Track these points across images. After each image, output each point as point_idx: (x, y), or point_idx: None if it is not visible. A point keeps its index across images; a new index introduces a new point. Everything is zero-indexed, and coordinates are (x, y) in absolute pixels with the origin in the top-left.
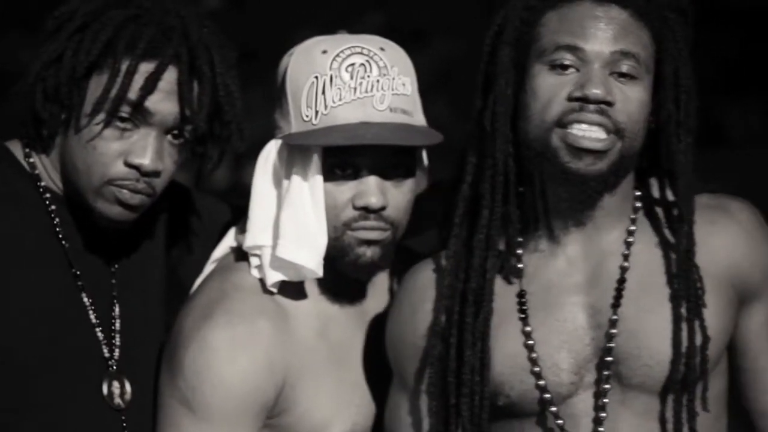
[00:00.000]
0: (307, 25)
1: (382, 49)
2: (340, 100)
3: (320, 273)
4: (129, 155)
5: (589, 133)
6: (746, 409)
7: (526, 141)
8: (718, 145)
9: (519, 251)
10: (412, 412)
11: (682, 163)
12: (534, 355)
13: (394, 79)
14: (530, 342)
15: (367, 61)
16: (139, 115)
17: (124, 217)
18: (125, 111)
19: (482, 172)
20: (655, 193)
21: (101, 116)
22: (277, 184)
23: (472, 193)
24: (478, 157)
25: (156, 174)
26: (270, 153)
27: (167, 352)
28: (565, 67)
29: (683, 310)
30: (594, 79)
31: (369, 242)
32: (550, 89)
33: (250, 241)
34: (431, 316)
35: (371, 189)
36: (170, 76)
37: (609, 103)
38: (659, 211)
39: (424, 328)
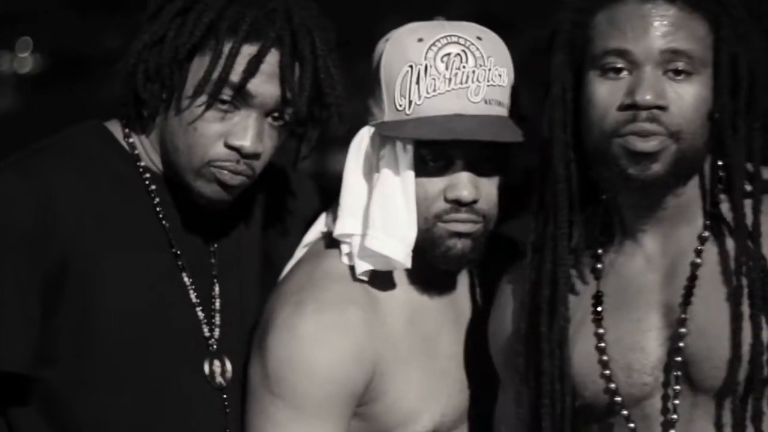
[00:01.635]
0: (395, 12)
1: (479, 38)
2: (434, 90)
3: (409, 264)
4: (230, 137)
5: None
6: None
7: (588, 148)
8: None
9: (599, 251)
10: (508, 412)
11: (737, 157)
12: (605, 357)
13: (490, 69)
14: (602, 344)
15: (463, 50)
16: (241, 97)
17: (223, 197)
18: (227, 93)
19: (546, 178)
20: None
21: (203, 98)
22: (369, 172)
23: (542, 198)
24: (542, 164)
25: (256, 156)
26: (363, 140)
27: (257, 338)
28: (617, 71)
29: (745, 308)
30: (644, 83)
31: (460, 234)
32: (604, 98)
33: (340, 228)
34: (512, 323)
35: (463, 182)
36: (272, 58)
37: (661, 108)
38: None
39: (507, 335)
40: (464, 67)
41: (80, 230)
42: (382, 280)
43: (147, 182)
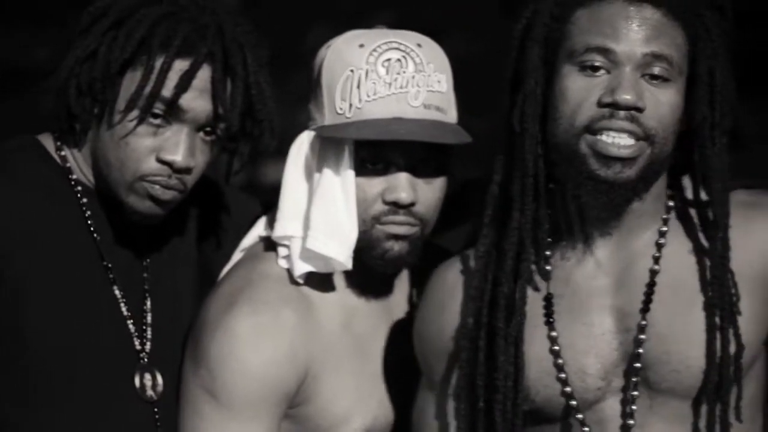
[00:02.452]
0: (320, 22)
1: (419, 45)
2: (374, 94)
3: (349, 266)
4: (161, 152)
5: (617, 140)
6: None
7: (554, 143)
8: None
9: (547, 253)
10: (438, 412)
11: (717, 167)
12: (560, 360)
13: (429, 75)
14: (556, 347)
15: (404, 56)
16: (172, 112)
17: (155, 212)
18: (159, 108)
19: (511, 172)
20: (689, 194)
21: (135, 113)
22: (309, 175)
23: (502, 193)
24: (507, 158)
25: (188, 171)
26: (303, 144)
27: (192, 340)
28: (595, 69)
29: (717, 319)
30: (625, 83)
31: (397, 237)
32: (579, 93)
33: (279, 231)
34: (458, 317)
35: (402, 184)
36: (204, 74)
37: (639, 109)
38: (693, 212)
39: (452, 329)
40: (404, 72)
41: (10, 244)
42: (318, 282)
43: (78, 195)
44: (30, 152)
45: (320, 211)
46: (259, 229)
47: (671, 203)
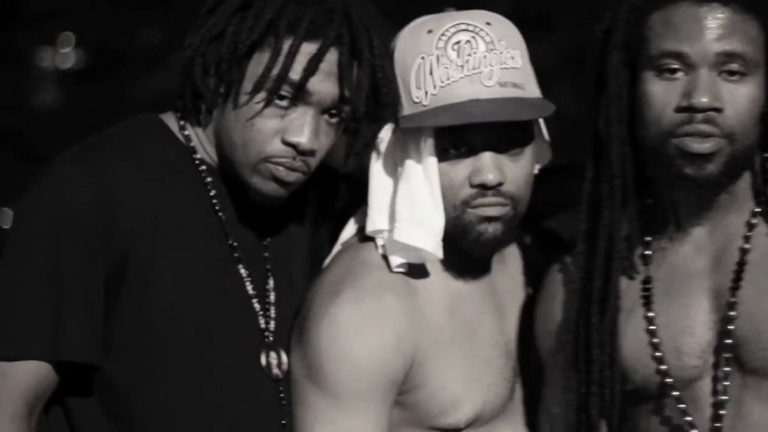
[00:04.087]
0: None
1: (488, 23)
2: (448, 79)
3: (440, 255)
4: (287, 133)
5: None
6: None
7: (642, 145)
8: None
9: (647, 238)
10: (554, 399)
11: None
12: (656, 340)
13: (501, 53)
14: (652, 327)
15: (473, 37)
16: (299, 94)
17: (279, 194)
18: (286, 90)
19: (600, 172)
20: None
21: (262, 95)
22: (393, 167)
23: (594, 191)
24: (596, 158)
25: (312, 153)
26: (384, 137)
27: (297, 328)
28: (672, 72)
29: None
30: (700, 86)
31: (490, 219)
32: (660, 97)
33: (370, 226)
34: (563, 310)
35: (487, 165)
36: (331, 57)
37: (717, 110)
38: None
39: (556, 324)
40: (475, 52)
41: (139, 223)
42: (419, 270)
43: (203, 174)
44: (154, 131)
45: (405, 201)
46: (355, 222)
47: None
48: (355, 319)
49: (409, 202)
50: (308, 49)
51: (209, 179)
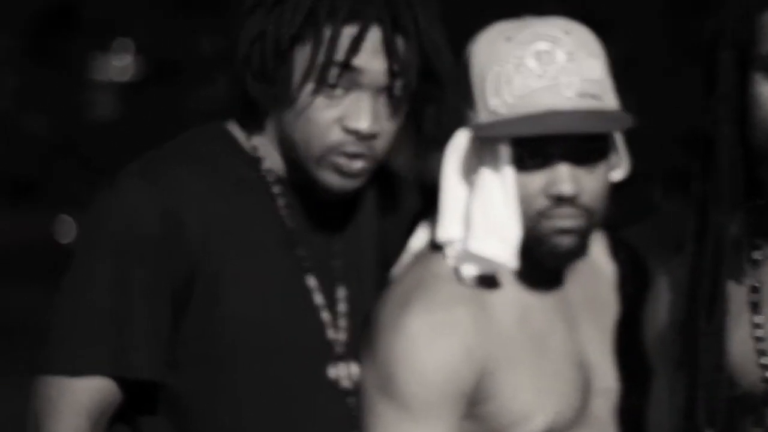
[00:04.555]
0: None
1: (567, 32)
2: (526, 88)
3: (514, 265)
4: (345, 120)
5: None
6: None
7: (753, 146)
8: None
9: (758, 241)
10: (661, 404)
11: None
12: (762, 346)
13: (581, 63)
14: (759, 333)
15: (553, 46)
16: (349, 77)
17: (347, 186)
18: (334, 76)
19: (708, 174)
20: None
21: (311, 86)
22: (467, 175)
23: (702, 192)
24: (704, 159)
25: (374, 136)
26: (458, 144)
27: (367, 340)
28: None
29: None
30: None
31: (565, 231)
32: None
33: (442, 234)
34: (670, 314)
35: (564, 176)
36: (374, 35)
37: None
38: None
39: (662, 326)
40: (554, 62)
41: (206, 236)
42: (489, 280)
43: (269, 185)
44: (220, 142)
45: (480, 211)
46: (424, 231)
47: None
48: (426, 330)
49: (484, 212)
50: (350, 31)
51: (276, 189)
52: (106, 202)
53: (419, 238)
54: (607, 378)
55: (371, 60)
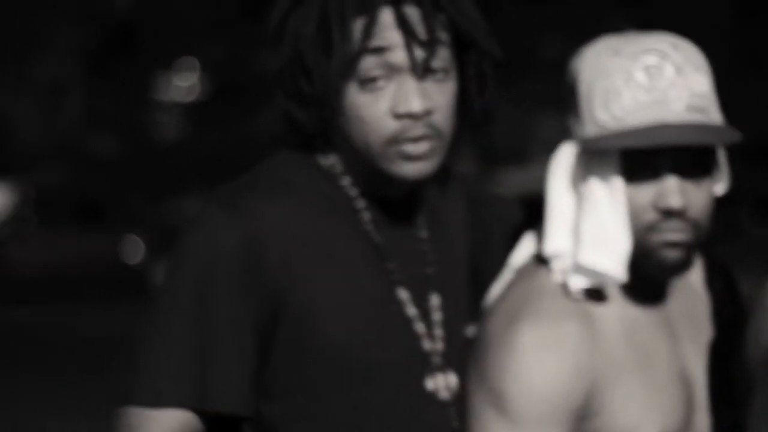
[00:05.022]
0: (554, 29)
1: (674, 47)
2: (635, 102)
3: (623, 278)
4: (395, 108)
5: None
6: None
7: None
8: None
9: None
10: (763, 422)
11: None
12: None
13: (688, 77)
14: None
15: (661, 60)
16: (381, 63)
17: (420, 172)
18: (367, 67)
19: None
20: None
21: (353, 87)
22: (575, 188)
23: None
24: None
25: (429, 113)
26: (565, 158)
27: (474, 356)
28: None
29: None
30: None
31: (673, 244)
32: None
33: (550, 247)
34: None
35: (672, 190)
36: (386, 16)
37: None
38: None
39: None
40: (663, 76)
41: (292, 262)
42: (595, 295)
43: (352, 200)
44: (301, 165)
45: (588, 224)
46: (528, 245)
47: None
48: (535, 345)
49: (594, 225)
50: (361, 22)
51: (359, 204)
52: (190, 234)
53: (521, 253)
54: (707, 394)
55: (395, 36)
